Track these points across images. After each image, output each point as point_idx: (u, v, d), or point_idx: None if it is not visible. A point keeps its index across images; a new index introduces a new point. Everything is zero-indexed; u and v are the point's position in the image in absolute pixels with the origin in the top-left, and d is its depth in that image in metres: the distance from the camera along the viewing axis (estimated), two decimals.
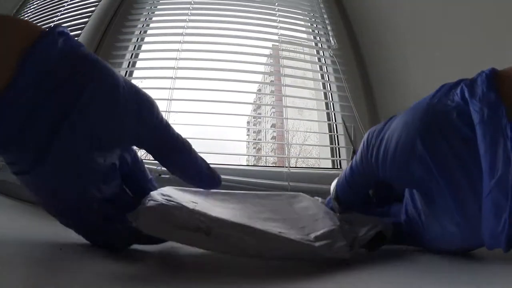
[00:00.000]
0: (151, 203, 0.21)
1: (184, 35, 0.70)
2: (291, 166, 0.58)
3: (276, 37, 0.73)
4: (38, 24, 0.74)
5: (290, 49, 0.74)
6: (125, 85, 0.24)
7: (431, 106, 0.23)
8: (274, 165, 0.60)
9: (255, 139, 1.91)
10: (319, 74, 0.75)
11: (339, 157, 0.66)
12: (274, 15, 0.75)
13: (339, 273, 0.20)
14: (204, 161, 0.28)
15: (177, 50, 0.68)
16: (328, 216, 0.27)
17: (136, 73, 0.71)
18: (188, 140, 0.28)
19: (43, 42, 0.21)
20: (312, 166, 0.66)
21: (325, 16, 0.77)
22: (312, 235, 0.23)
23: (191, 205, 0.22)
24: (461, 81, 0.23)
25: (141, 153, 0.30)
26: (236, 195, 0.29)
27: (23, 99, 0.20)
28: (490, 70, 0.22)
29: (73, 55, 0.22)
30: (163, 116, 0.27)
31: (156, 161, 0.27)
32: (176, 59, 0.66)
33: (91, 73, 0.22)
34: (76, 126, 0.21)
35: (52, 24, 0.23)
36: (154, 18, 0.76)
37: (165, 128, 0.26)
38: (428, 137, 0.22)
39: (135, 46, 0.71)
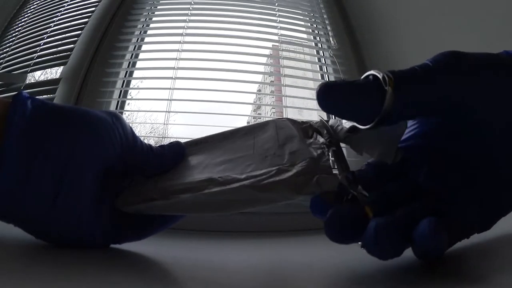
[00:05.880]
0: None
1: (184, 35, 0.70)
2: None
3: (276, 37, 0.73)
4: (38, 24, 0.74)
5: (290, 49, 0.74)
6: (107, 118, 0.24)
7: None
8: None
9: None
10: (319, 74, 0.75)
11: None
12: (274, 15, 0.75)
13: None
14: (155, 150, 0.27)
15: (177, 50, 0.68)
16: (280, 152, 0.23)
17: (136, 73, 0.71)
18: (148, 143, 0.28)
19: (17, 109, 0.21)
20: None
21: (325, 16, 0.77)
22: (251, 174, 0.21)
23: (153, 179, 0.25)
24: None
25: None
26: (209, 144, 0.28)
27: (16, 168, 0.20)
28: None
29: (47, 110, 0.23)
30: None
31: None
32: (176, 59, 0.66)
33: (74, 121, 0.23)
34: (76, 178, 0.22)
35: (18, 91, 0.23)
36: (154, 18, 0.76)
37: (137, 143, 0.26)
38: None
39: (135, 46, 0.71)
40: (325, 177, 0.20)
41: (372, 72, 0.19)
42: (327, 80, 0.72)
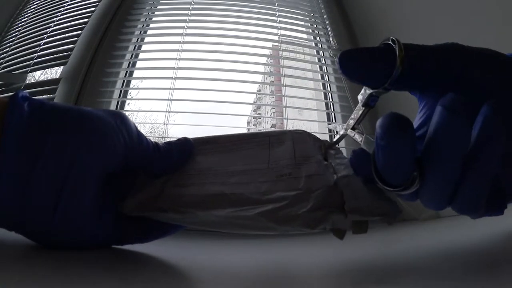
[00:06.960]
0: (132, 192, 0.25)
1: (184, 35, 0.70)
2: None
3: (276, 37, 0.73)
4: (38, 24, 0.74)
5: (290, 49, 0.74)
6: (110, 120, 0.24)
7: None
8: None
9: None
10: (319, 74, 0.75)
11: None
12: (274, 15, 0.75)
13: None
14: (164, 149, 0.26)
15: (177, 50, 0.68)
16: (297, 174, 0.23)
17: (136, 73, 0.71)
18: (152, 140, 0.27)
19: (14, 111, 0.21)
20: None
21: (325, 16, 0.77)
22: (266, 197, 0.22)
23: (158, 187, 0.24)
24: None
25: None
26: (221, 146, 0.27)
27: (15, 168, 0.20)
28: None
29: (46, 112, 0.22)
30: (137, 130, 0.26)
31: None
32: (176, 59, 0.66)
33: (75, 125, 0.22)
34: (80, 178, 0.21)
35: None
36: (154, 18, 0.76)
37: (143, 144, 0.25)
38: None
39: (135, 46, 0.71)
40: (338, 217, 0.20)
41: (385, 41, 0.22)
42: (327, 80, 0.72)
